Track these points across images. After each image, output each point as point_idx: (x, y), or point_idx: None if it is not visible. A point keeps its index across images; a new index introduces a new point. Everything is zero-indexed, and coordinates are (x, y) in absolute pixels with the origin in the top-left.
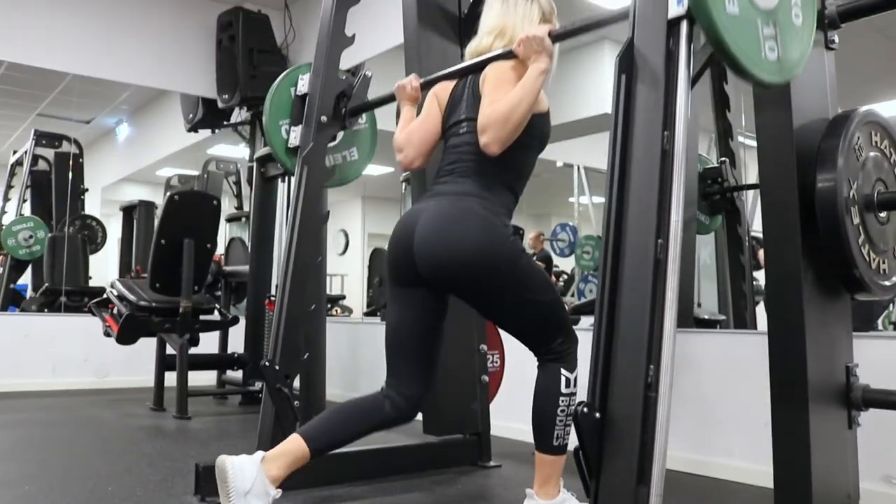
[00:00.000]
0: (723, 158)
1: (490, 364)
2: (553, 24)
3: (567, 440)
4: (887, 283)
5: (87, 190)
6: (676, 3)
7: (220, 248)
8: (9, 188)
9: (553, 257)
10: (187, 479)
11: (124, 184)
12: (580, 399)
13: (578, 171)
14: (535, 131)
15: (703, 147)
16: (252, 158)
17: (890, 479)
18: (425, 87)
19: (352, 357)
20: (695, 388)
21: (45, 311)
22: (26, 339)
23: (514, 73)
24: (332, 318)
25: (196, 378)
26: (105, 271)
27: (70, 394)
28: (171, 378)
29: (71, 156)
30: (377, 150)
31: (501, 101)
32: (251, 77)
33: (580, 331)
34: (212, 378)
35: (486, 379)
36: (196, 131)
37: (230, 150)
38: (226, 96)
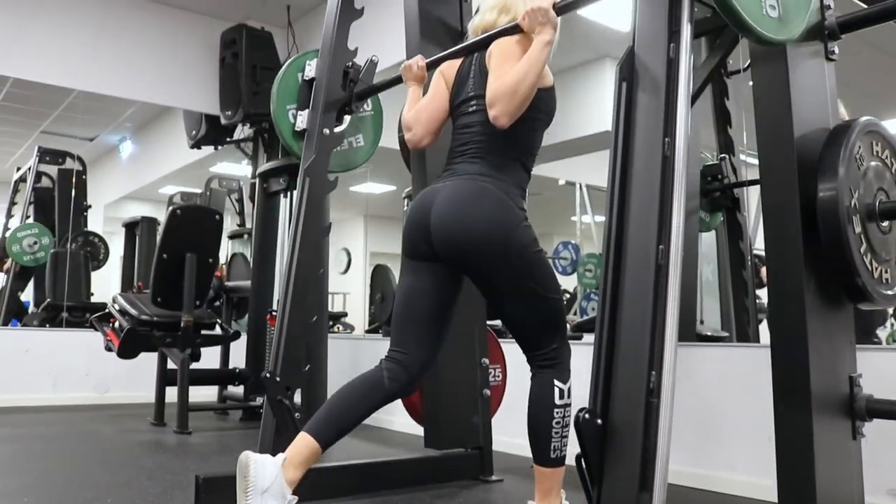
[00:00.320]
0: (722, 155)
1: (492, 378)
2: None
3: (565, 452)
4: (889, 292)
5: (89, 206)
6: None
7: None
8: (12, 204)
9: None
10: (187, 492)
11: (127, 201)
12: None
13: (581, 189)
14: (542, 104)
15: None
16: (255, 175)
17: (895, 492)
18: (431, 66)
19: (354, 372)
20: (697, 402)
21: (47, 326)
22: (27, 354)
23: (520, 46)
24: (334, 335)
25: (197, 393)
26: (107, 288)
27: (71, 409)
28: (171, 393)
29: (74, 172)
30: (380, 169)
31: (509, 75)
32: (254, 94)
33: (582, 346)
34: (213, 394)
35: (487, 393)
36: (199, 148)
37: (233, 168)
38: (228, 113)
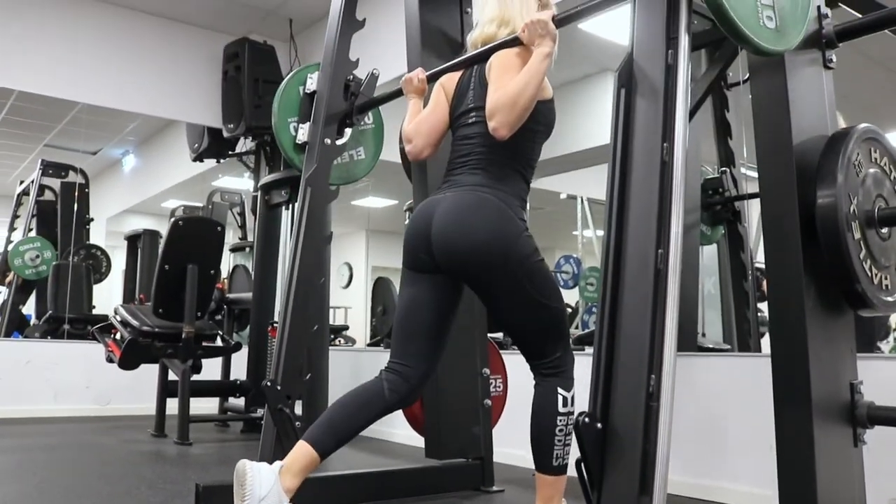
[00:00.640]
0: (723, 168)
1: (493, 388)
2: (551, 8)
3: (567, 460)
4: (890, 298)
5: (92, 220)
6: None
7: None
8: (14, 217)
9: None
10: (187, 500)
11: (129, 215)
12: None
13: (582, 202)
14: (541, 117)
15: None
16: (256, 188)
17: None
18: (431, 79)
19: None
20: (699, 412)
21: (49, 338)
22: (28, 366)
23: (519, 58)
24: (336, 348)
25: (198, 406)
26: (109, 301)
27: (71, 420)
28: (172, 405)
29: (77, 186)
30: (382, 184)
31: (509, 86)
32: (256, 107)
33: (584, 356)
34: (214, 406)
35: (488, 403)
36: (201, 161)
37: (235, 182)
38: (231, 126)
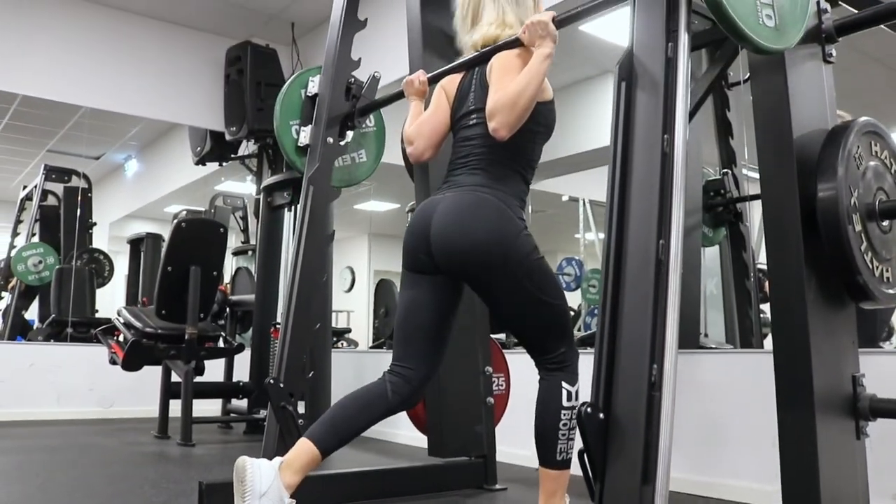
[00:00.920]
0: (725, 170)
1: (495, 387)
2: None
3: (571, 455)
4: (891, 290)
5: (95, 224)
6: None
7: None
8: (18, 222)
9: None
10: (190, 499)
11: (132, 220)
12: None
13: (584, 204)
14: (542, 118)
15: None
16: (259, 191)
17: None
18: (433, 81)
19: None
20: (701, 410)
21: (52, 341)
22: (32, 369)
23: (520, 60)
24: (339, 350)
25: (201, 408)
26: (112, 305)
27: (75, 423)
28: (175, 407)
29: (80, 190)
30: (384, 187)
31: (509, 87)
32: (258, 110)
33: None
34: (217, 408)
35: (491, 401)
36: (204, 164)
37: (237, 186)
38: (233, 129)
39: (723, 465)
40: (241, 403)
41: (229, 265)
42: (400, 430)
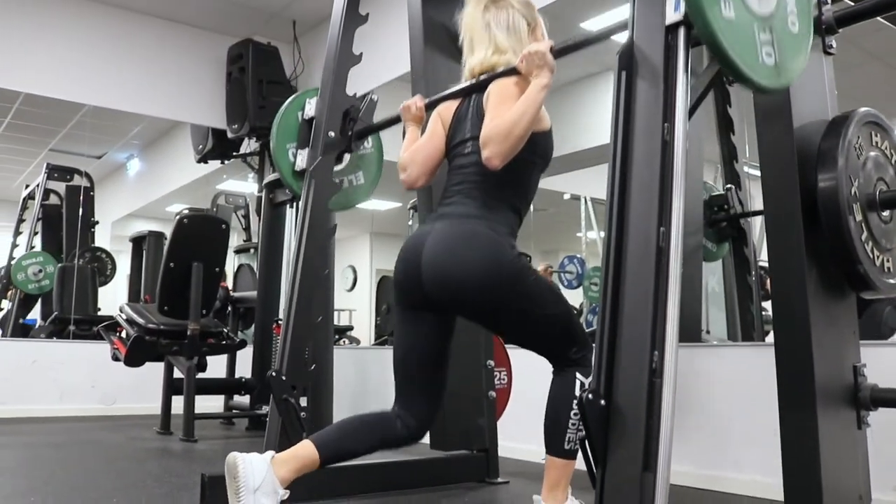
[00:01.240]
0: (728, 185)
1: (497, 381)
2: (538, 22)
3: (577, 447)
4: (891, 280)
5: (97, 222)
6: (674, 10)
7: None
8: (20, 221)
9: (562, 289)
10: (193, 493)
11: (134, 219)
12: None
13: (586, 202)
14: (538, 148)
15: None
16: (261, 189)
17: None
18: (429, 107)
19: (360, 381)
20: (704, 403)
21: (54, 338)
22: (34, 366)
23: (517, 88)
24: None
25: (203, 405)
26: (114, 303)
27: (77, 419)
28: (177, 404)
29: (82, 189)
30: (386, 186)
31: (504, 116)
32: (260, 107)
33: None
34: (219, 405)
35: (493, 395)
36: (206, 162)
37: (238, 185)
38: (235, 126)
39: (725, 458)
40: (244, 400)
41: (231, 263)
42: None
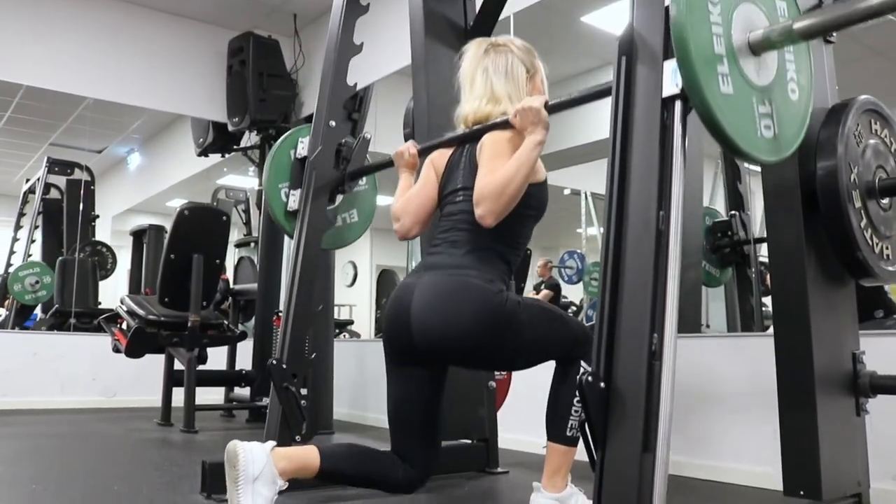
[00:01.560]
0: (732, 212)
1: (497, 372)
2: (538, 69)
3: (579, 433)
4: (891, 267)
5: (97, 216)
6: (671, 83)
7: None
8: (21, 215)
9: (562, 285)
10: (193, 481)
11: (134, 214)
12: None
13: (586, 197)
14: (533, 201)
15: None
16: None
17: None
18: (423, 153)
19: (360, 374)
20: (703, 393)
21: (55, 331)
22: (35, 358)
23: (511, 144)
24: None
25: (204, 397)
26: (114, 297)
27: (78, 411)
28: (178, 396)
29: (83, 183)
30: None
31: (497, 173)
32: (261, 101)
33: None
34: (220, 397)
35: (493, 384)
36: (206, 155)
37: (239, 180)
38: (236, 119)
39: (725, 447)
40: (244, 392)
41: (231, 257)
42: None
